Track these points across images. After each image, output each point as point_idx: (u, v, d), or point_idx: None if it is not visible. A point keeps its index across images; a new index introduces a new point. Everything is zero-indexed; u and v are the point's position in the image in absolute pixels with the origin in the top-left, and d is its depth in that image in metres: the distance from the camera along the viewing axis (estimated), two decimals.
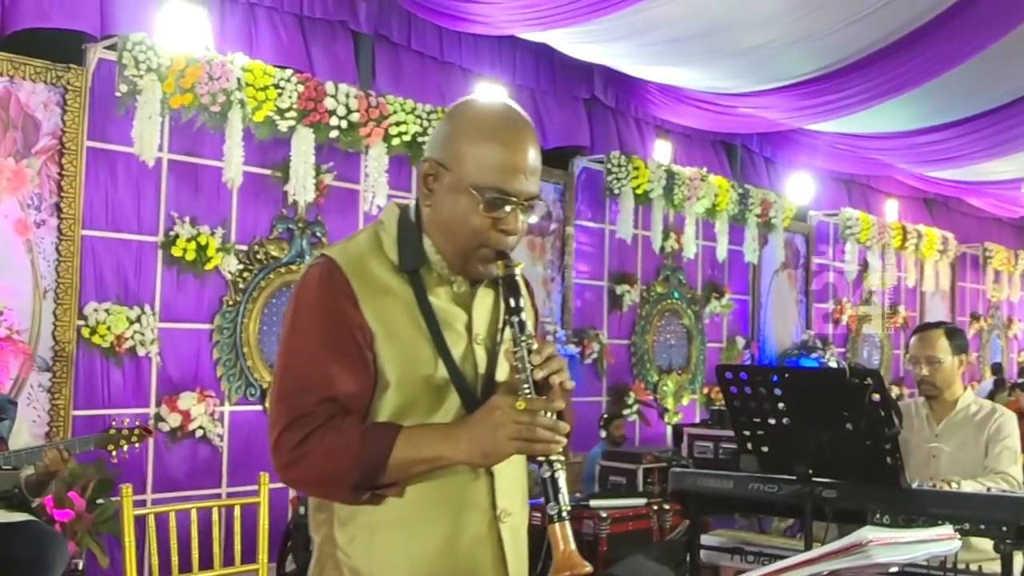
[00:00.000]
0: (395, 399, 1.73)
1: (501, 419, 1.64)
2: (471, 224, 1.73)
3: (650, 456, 5.40)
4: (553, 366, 1.69)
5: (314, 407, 1.69)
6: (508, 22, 6.60)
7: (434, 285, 1.79)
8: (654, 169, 8.68)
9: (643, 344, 9.09)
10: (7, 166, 5.39)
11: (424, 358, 1.75)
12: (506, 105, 1.82)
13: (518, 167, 1.72)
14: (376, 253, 1.78)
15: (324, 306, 1.72)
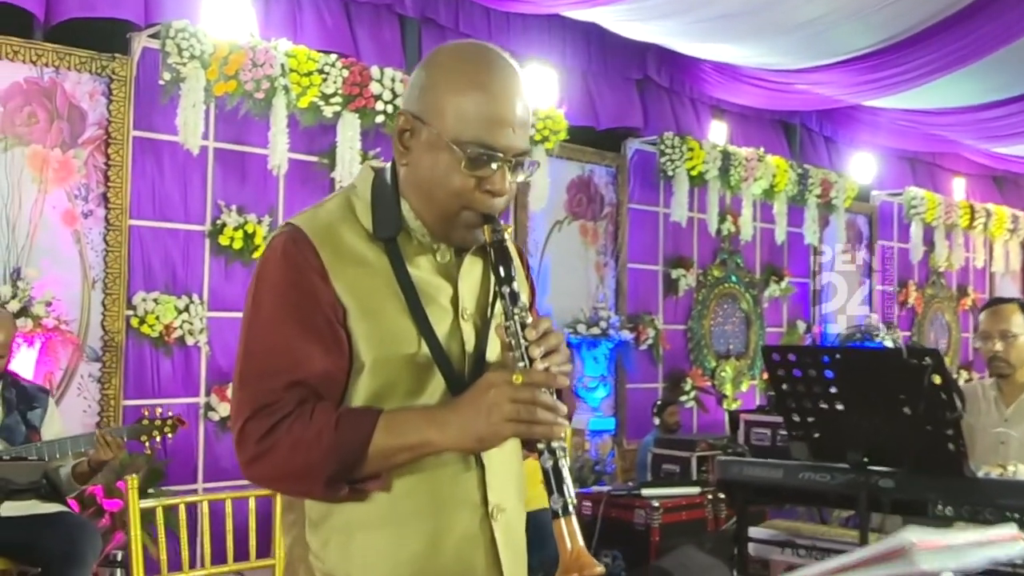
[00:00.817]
0: (372, 382, 1.55)
1: (496, 398, 1.46)
2: (452, 184, 1.53)
3: (704, 444, 5.24)
4: (551, 342, 1.51)
5: (281, 393, 1.50)
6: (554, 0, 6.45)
7: (414, 255, 1.60)
8: (709, 150, 8.47)
9: (700, 329, 8.89)
10: (54, 157, 5.39)
11: (404, 335, 1.56)
12: (490, 49, 1.63)
13: (504, 119, 1.53)
14: (348, 220, 1.59)
15: (289, 279, 1.53)
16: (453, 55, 1.61)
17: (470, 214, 1.55)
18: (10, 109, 5.26)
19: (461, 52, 1.62)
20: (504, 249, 1.56)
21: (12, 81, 5.26)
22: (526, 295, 1.73)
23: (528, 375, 1.46)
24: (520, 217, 7.50)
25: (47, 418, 3.94)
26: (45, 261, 5.31)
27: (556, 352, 1.52)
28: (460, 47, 1.64)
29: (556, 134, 7.27)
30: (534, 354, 1.48)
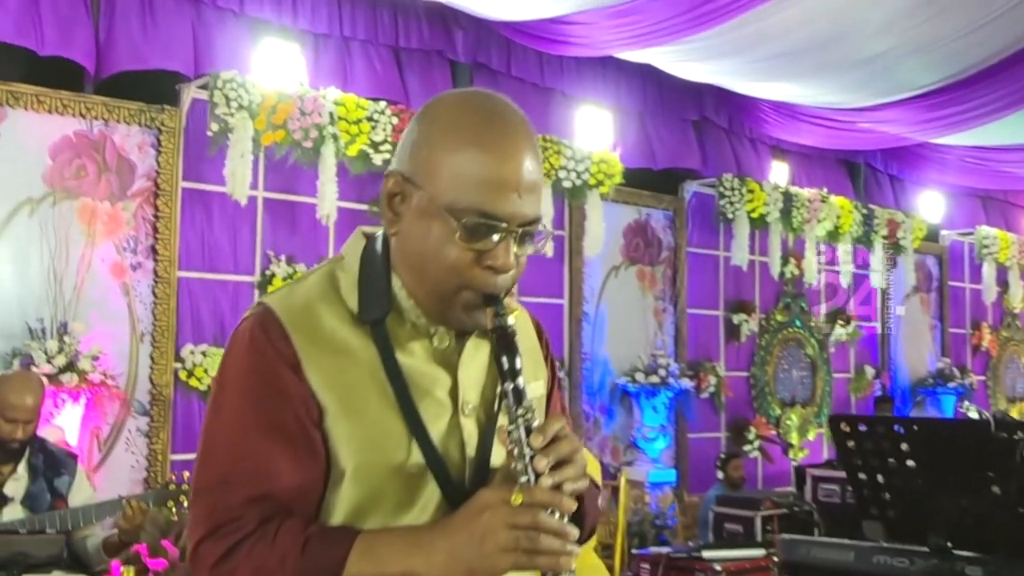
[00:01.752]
0: (354, 493, 1.31)
1: (491, 523, 1.21)
2: (447, 258, 1.29)
3: (769, 502, 4.96)
4: (561, 451, 1.25)
5: (241, 509, 1.27)
6: (606, 42, 6.33)
7: (407, 339, 1.35)
8: (770, 191, 8.24)
9: (763, 376, 8.60)
10: (103, 209, 5.36)
11: (391, 437, 1.31)
12: (493, 99, 1.37)
13: (507, 182, 1.28)
14: (329, 299, 1.35)
15: (255, 372, 1.30)
16: (450, 106, 1.36)
17: (469, 294, 1.31)
18: (59, 163, 5.24)
19: (459, 103, 1.37)
20: (508, 337, 1.30)
21: (62, 135, 5.26)
22: (542, 385, 1.51)
23: (530, 494, 1.22)
24: (575, 263, 7.33)
25: (75, 486, 3.81)
26: (93, 314, 5.26)
27: (569, 463, 1.26)
28: (459, 97, 1.40)
29: (611, 178, 7.11)
30: (540, 467, 1.23)
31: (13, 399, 3.68)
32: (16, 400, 3.68)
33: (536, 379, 1.49)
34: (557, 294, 7.31)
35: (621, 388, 7.54)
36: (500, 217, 1.28)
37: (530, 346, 1.53)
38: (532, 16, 6.26)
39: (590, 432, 7.40)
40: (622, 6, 5.86)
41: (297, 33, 6.15)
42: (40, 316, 5.10)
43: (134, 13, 5.54)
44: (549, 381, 1.56)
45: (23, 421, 3.67)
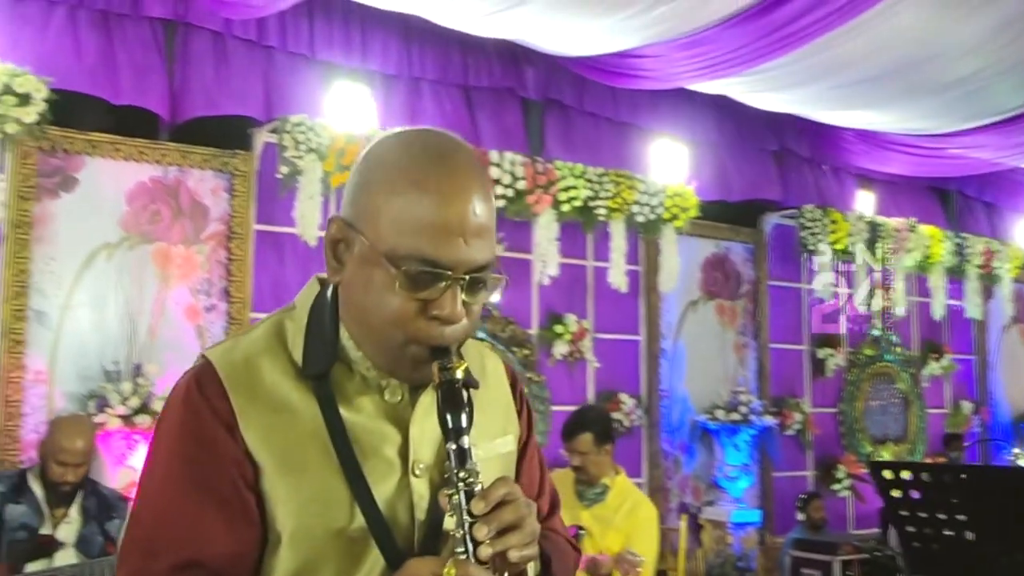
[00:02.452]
0: (291, 559, 1.23)
1: None
2: (389, 309, 1.21)
3: (849, 546, 4.74)
4: (504, 518, 1.16)
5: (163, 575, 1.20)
6: (677, 74, 6.23)
7: (355, 394, 1.28)
8: (854, 221, 7.99)
9: (852, 412, 8.30)
10: (177, 253, 5.47)
11: (332, 500, 1.23)
12: (437, 136, 1.30)
13: (450, 226, 1.20)
14: (273, 352, 1.29)
15: (188, 430, 1.24)
16: (391, 146, 1.28)
17: (416, 348, 1.23)
18: (135, 208, 5.37)
19: (401, 142, 1.28)
20: (453, 393, 1.21)
21: (137, 181, 5.39)
22: (511, 440, 1.41)
23: (463, 567, 1.13)
24: (651, 299, 7.20)
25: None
26: (167, 356, 5.34)
27: (515, 530, 1.17)
28: (402, 136, 1.31)
29: (686, 211, 6.98)
30: (479, 535, 1.15)
31: (64, 443, 3.76)
32: (67, 444, 3.76)
33: (505, 434, 1.42)
34: (633, 330, 7.19)
35: (701, 426, 7.36)
36: (444, 264, 1.21)
37: (500, 399, 1.45)
38: (601, 51, 6.20)
39: (670, 471, 7.23)
40: (692, 37, 5.76)
41: (367, 75, 6.21)
42: (116, 358, 5.21)
43: (208, 60, 5.67)
44: (524, 436, 1.47)
45: (73, 464, 3.74)
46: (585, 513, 3.99)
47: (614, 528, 3.87)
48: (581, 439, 4.02)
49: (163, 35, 5.58)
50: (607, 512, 3.94)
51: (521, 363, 6.56)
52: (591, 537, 3.89)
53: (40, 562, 3.68)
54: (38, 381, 5.02)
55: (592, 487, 4.00)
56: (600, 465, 4.02)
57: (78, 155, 5.22)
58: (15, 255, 4.96)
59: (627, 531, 3.88)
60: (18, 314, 4.96)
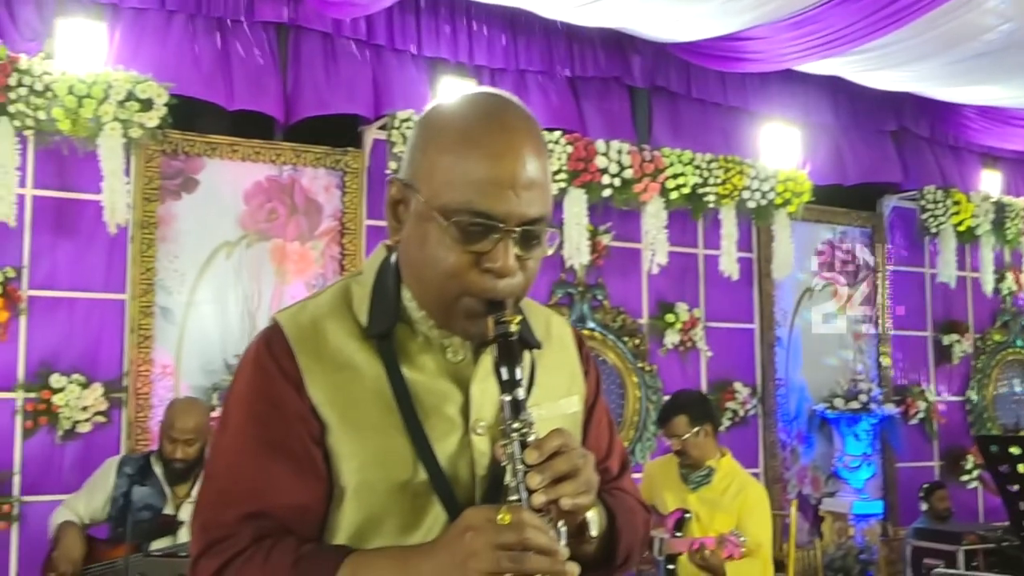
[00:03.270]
0: (355, 513, 1.28)
1: (473, 544, 1.14)
2: (444, 262, 1.24)
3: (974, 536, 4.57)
4: (558, 467, 1.18)
5: (235, 526, 1.25)
6: (784, 55, 6.10)
7: (417, 353, 1.32)
8: (978, 202, 7.69)
9: (981, 400, 7.99)
10: (293, 249, 5.64)
11: (395, 456, 1.27)
12: (490, 97, 1.32)
13: (501, 179, 1.23)
14: (339, 314, 1.34)
15: (258, 390, 1.29)
16: (447, 108, 1.32)
17: (470, 300, 1.26)
18: (253, 207, 5.56)
19: (456, 104, 1.32)
20: (508, 346, 1.23)
21: (254, 180, 5.58)
22: (577, 400, 1.43)
23: (517, 513, 1.14)
24: (764, 286, 7.08)
25: None
26: None
27: (568, 479, 1.19)
28: (457, 98, 1.34)
29: (799, 196, 6.84)
30: (532, 483, 1.17)
31: (176, 421, 4.00)
32: (179, 422, 3.99)
33: (570, 395, 1.44)
34: (746, 319, 7.08)
35: (819, 415, 7.19)
36: (495, 216, 1.23)
37: (566, 360, 1.47)
38: (706, 35, 6.13)
39: (787, 462, 7.09)
40: (799, 16, 5.64)
41: (473, 69, 6.28)
42: (237, 353, 5.39)
43: (318, 62, 5.82)
44: (590, 397, 1.49)
45: (183, 441, 3.95)
46: (692, 496, 3.95)
47: (722, 510, 3.82)
48: (676, 422, 3.99)
49: (276, 39, 5.76)
50: (714, 495, 3.89)
51: (632, 353, 6.54)
52: (699, 520, 3.85)
53: (163, 540, 3.88)
54: (165, 374, 5.25)
55: (697, 470, 3.96)
56: (701, 447, 3.96)
57: (198, 157, 5.44)
58: (141, 254, 5.20)
59: (736, 513, 3.82)
60: (145, 310, 5.19)
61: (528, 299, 1.42)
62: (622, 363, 6.51)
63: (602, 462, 1.45)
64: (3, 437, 4.91)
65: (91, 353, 5.12)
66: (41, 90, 4.74)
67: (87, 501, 4.07)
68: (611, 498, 1.42)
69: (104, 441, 5.06)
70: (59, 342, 5.05)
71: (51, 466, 4.97)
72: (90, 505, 4.05)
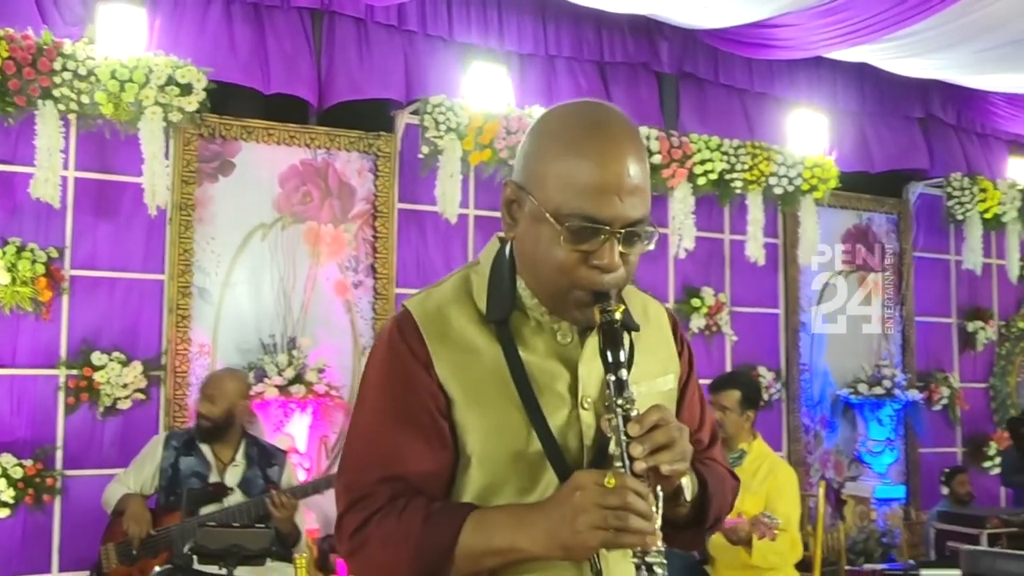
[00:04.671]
0: (479, 477, 1.44)
1: (582, 502, 1.30)
2: (555, 259, 1.39)
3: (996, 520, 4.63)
4: (656, 439, 1.33)
5: (374, 487, 1.43)
6: (814, 43, 6.14)
7: (530, 336, 1.47)
8: (1005, 190, 7.70)
9: (1004, 387, 8.03)
10: (326, 232, 5.74)
11: (513, 428, 1.43)
12: (598, 108, 1.46)
13: (607, 186, 1.37)
14: (462, 301, 1.49)
15: (390, 369, 1.46)
16: (556, 118, 1.47)
17: (579, 292, 1.41)
18: (287, 190, 5.67)
19: (565, 114, 1.46)
20: (613, 332, 1.39)
21: (289, 164, 5.68)
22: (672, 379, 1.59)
23: (621, 478, 1.31)
24: (790, 271, 7.14)
25: (285, 476, 4.28)
26: (319, 330, 5.63)
27: (666, 449, 1.34)
28: (566, 109, 1.48)
29: (826, 182, 6.88)
30: (635, 453, 1.33)
31: (208, 380, 4.28)
32: (209, 381, 4.32)
33: (666, 373, 1.59)
34: (772, 304, 7.14)
35: (843, 400, 7.26)
36: (602, 220, 1.37)
37: (662, 341, 1.62)
38: (735, 22, 6.17)
39: (810, 446, 7.17)
40: (829, 4, 5.68)
41: (503, 55, 6.35)
42: (272, 332, 5.52)
43: (352, 47, 5.90)
44: (684, 375, 1.64)
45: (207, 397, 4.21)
46: None
47: (752, 492, 3.91)
48: (728, 394, 4.13)
49: (311, 24, 5.84)
50: (745, 476, 3.97)
51: None
52: None
53: (212, 505, 4.11)
54: (202, 353, 5.37)
55: (730, 451, 4.06)
56: (739, 427, 4.09)
57: (234, 141, 5.54)
58: (179, 236, 5.32)
59: (765, 494, 3.93)
60: (184, 291, 5.31)
61: (629, 285, 1.57)
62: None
63: (695, 434, 1.60)
64: (46, 413, 5.05)
65: (131, 332, 5.25)
66: (84, 75, 4.85)
67: (136, 474, 4.29)
68: (703, 467, 1.58)
69: (143, 418, 5.19)
70: (100, 321, 5.18)
71: (92, 441, 5.11)
72: (139, 477, 4.27)
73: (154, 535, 4.10)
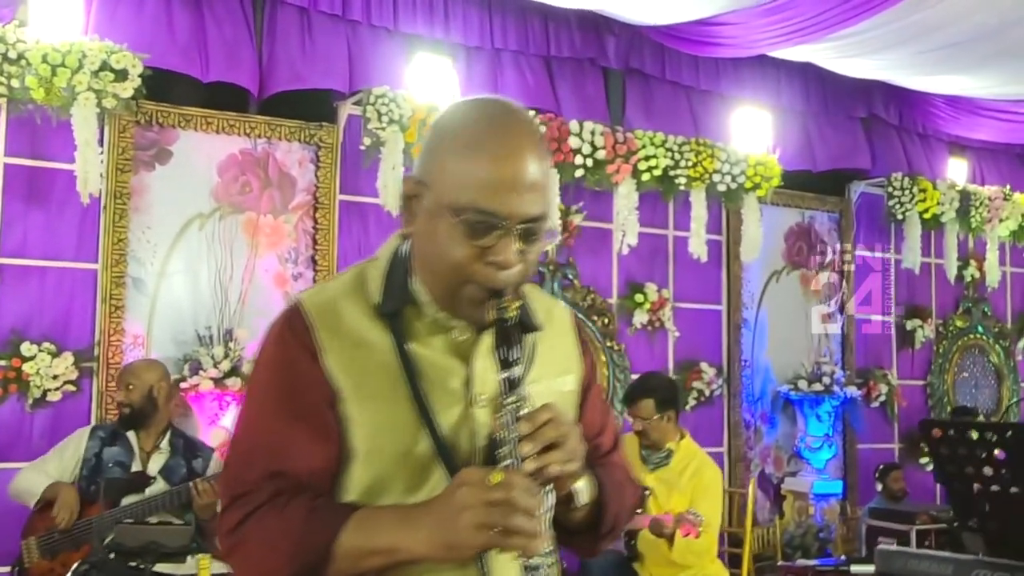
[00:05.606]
0: (365, 474, 1.41)
1: (467, 499, 1.28)
2: (452, 255, 1.37)
3: (926, 516, 4.71)
4: (546, 435, 1.32)
5: (256, 483, 1.39)
6: (758, 41, 6.18)
7: (426, 333, 1.45)
8: (944, 190, 7.82)
9: (941, 385, 8.17)
10: (266, 223, 5.67)
11: (401, 424, 1.40)
12: (498, 104, 1.45)
13: (505, 181, 1.35)
14: (355, 295, 1.47)
15: (278, 361, 1.44)
16: (458, 114, 1.46)
17: (474, 288, 1.39)
18: (226, 180, 5.58)
19: (466, 110, 1.45)
20: (506, 330, 1.37)
21: (228, 153, 5.60)
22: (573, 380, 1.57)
23: (507, 475, 1.28)
24: (733, 268, 7.18)
25: (211, 469, 4.23)
26: (257, 322, 5.54)
27: (556, 448, 1.33)
28: (467, 105, 1.47)
29: (769, 180, 6.93)
30: (524, 451, 1.31)
31: (130, 368, 4.37)
32: (131, 368, 4.36)
33: (567, 374, 1.57)
34: (714, 300, 7.19)
35: (783, 396, 7.33)
36: (499, 215, 1.35)
37: (564, 343, 1.60)
38: (681, 19, 6.19)
39: (751, 441, 7.22)
40: (773, 3, 5.71)
41: (449, 46, 6.30)
42: (208, 324, 5.44)
43: (293, 35, 5.82)
44: (586, 377, 1.62)
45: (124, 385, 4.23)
46: (650, 476, 4.07)
47: (678, 490, 3.94)
48: (642, 405, 4.11)
49: (252, 11, 5.75)
50: (671, 475, 4.01)
51: (601, 332, 6.62)
52: (655, 498, 3.97)
53: (133, 496, 4.06)
54: (136, 345, 5.27)
55: (657, 451, 4.07)
56: (663, 431, 4.09)
57: (172, 128, 5.45)
58: (114, 224, 5.21)
59: (691, 493, 3.95)
60: (117, 280, 5.21)
61: (534, 286, 1.57)
62: (591, 342, 6.59)
63: (595, 437, 1.59)
64: None
65: (62, 322, 5.14)
66: (15, 58, 4.73)
67: (58, 462, 4.20)
68: (601, 471, 1.55)
69: (74, 410, 5.08)
70: (30, 310, 5.07)
71: (20, 434, 4.99)
72: (60, 465, 4.20)
73: (74, 528, 4.02)
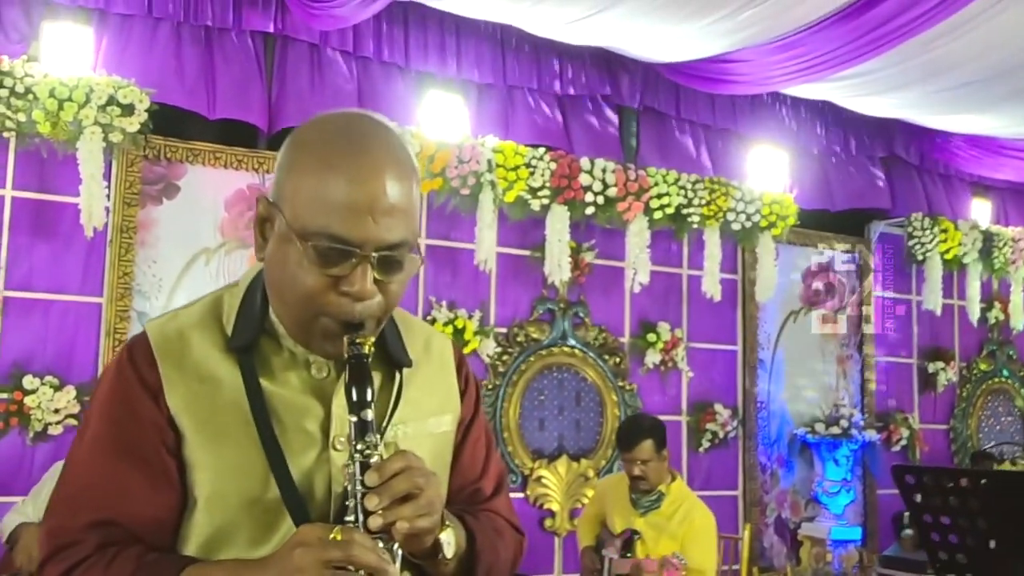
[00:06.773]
0: (206, 523, 1.28)
1: (302, 560, 1.14)
2: (302, 284, 1.24)
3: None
4: (396, 488, 1.19)
5: (82, 533, 1.25)
6: (770, 77, 6.12)
7: (282, 368, 1.32)
8: (966, 231, 7.68)
9: (965, 429, 7.97)
10: None
11: (249, 469, 1.26)
12: (359, 120, 1.31)
13: (359, 205, 1.22)
14: (207, 326, 1.33)
15: (115, 397, 1.30)
16: (313, 129, 1.31)
17: (327, 321, 1.26)
18: (233, 214, 5.58)
19: (323, 125, 1.31)
20: (360, 367, 1.24)
21: (236, 188, 5.60)
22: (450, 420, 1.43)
23: (348, 532, 1.16)
24: (748, 308, 7.08)
25: None
26: None
27: (408, 502, 1.20)
28: (325, 119, 1.32)
29: (784, 219, 6.84)
30: (369, 505, 1.18)
31: None
32: None
33: (443, 413, 1.44)
34: (729, 340, 7.07)
35: (800, 439, 7.18)
36: (352, 242, 1.23)
37: (442, 379, 1.47)
38: (692, 56, 6.15)
39: (767, 485, 7.07)
40: (784, 40, 5.66)
41: (460, 84, 6.31)
42: None
43: (304, 72, 5.85)
44: (466, 417, 1.48)
45: None
46: (640, 520, 3.95)
47: (668, 535, 3.82)
48: (643, 447, 3.97)
49: (263, 48, 5.79)
50: (661, 519, 3.89)
51: (612, 371, 6.53)
52: (643, 543, 3.85)
53: None
54: None
55: (647, 495, 3.96)
56: (660, 472, 3.97)
57: (180, 163, 5.46)
58: (120, 258, 5.22)
59: (681, 538, 3.82)
60: (122, 314, 5.21)
61: (410, 316, 1.44)
62: (602, 381, 6.51)
63: (474, 483, 1.47)
64: None
65: (65, 355, 5.13)
66: (22, 92, 4.77)
67: (34, 502, 4.12)
68: (474, 520, 1.42)
69: None
70: (34, 343, 5.07)
71: (21, 467, 4.98)
72: (37, 506, 4.10)
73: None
